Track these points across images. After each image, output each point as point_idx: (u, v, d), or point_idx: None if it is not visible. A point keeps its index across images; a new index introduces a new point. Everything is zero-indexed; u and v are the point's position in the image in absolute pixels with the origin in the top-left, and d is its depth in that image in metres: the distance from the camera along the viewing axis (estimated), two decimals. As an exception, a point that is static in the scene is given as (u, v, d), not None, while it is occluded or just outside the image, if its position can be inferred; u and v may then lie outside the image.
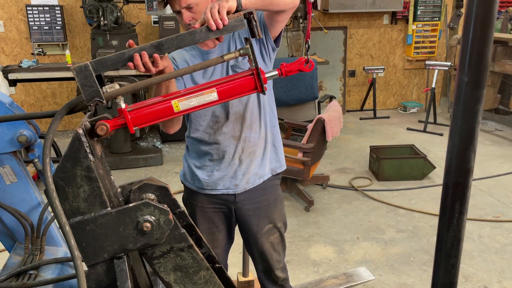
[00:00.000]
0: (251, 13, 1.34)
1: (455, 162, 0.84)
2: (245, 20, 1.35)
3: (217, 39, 1.40)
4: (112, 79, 4.45)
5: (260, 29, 1.41)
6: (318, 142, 3.73)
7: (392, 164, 4.41)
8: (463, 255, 1.03)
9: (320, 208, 3.90)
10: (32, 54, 4.84)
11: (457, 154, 0.83)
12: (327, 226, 3.62)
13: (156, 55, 1.32)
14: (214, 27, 1.30)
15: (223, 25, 1.31)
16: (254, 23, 1.34)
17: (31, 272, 1.76)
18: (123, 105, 1.38)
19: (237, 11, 1.44)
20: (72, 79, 4.66)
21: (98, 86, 1.23)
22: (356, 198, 4.11)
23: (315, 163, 3.92)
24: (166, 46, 1.30)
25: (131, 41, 1.41)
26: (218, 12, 1.32)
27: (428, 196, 4.11)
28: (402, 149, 4.73)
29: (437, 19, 6.81)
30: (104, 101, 1.26)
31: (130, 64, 1.31)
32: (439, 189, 4.30)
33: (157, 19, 5.89)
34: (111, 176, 1.44)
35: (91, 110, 1.26)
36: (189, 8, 1.70)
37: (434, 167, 4.42)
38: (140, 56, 1.30)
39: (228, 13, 1.36)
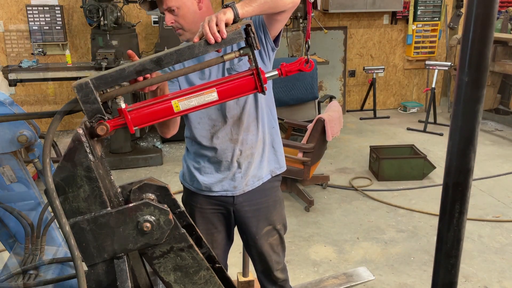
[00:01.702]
0: (249, 25, 1.35)
1: (455, 162, 0.84)
2: (243, 32, 1.35)
3: (216, 51, 1.41)
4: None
5: (258, 39, 1.42)
6: (318, 142, 3.73)
7: (392, 164, 4.41)
8: (463, 255, 1.03)
9: (320, 208, 3.90)
10: (32, 54, 4.86)
11: (457, 154, 0.83)
12: (327, 226, 3.62)
13: (154, 73, 1.36)
14: (212, 41, 1.31)
15: (222, 39, 1.32)
16: (252, 35, 1.35)
17: (31, 272, 1.76)
18: (123, 105, 1.38)
19: (234, 21, 1.44)
20: (72, 79, 4.66)
21: (100, 103, 1.25)
22: (356, 198, 4.11)
23: (315, 163, 3.92)
24: (166, 61, 1.30)
25: (130, 52, 1.42)
26: (216, 25, 1.33)
27: (428, 196, 4.11)
28: (402, 149, 4.73)
29: (437, 19, 6.81)
30: (106, 118, 1.28)
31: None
32: (439, 189, 4.31)
33: (157, 19, 5.89)
34: (111, 176, 1.45)
35: (94, 125, 1.26)
36: (170, 10, 1.70)
37: (434, 167, 4.42)
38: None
39: (226, 25, 1.37)
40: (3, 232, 1.90)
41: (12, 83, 4.49)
